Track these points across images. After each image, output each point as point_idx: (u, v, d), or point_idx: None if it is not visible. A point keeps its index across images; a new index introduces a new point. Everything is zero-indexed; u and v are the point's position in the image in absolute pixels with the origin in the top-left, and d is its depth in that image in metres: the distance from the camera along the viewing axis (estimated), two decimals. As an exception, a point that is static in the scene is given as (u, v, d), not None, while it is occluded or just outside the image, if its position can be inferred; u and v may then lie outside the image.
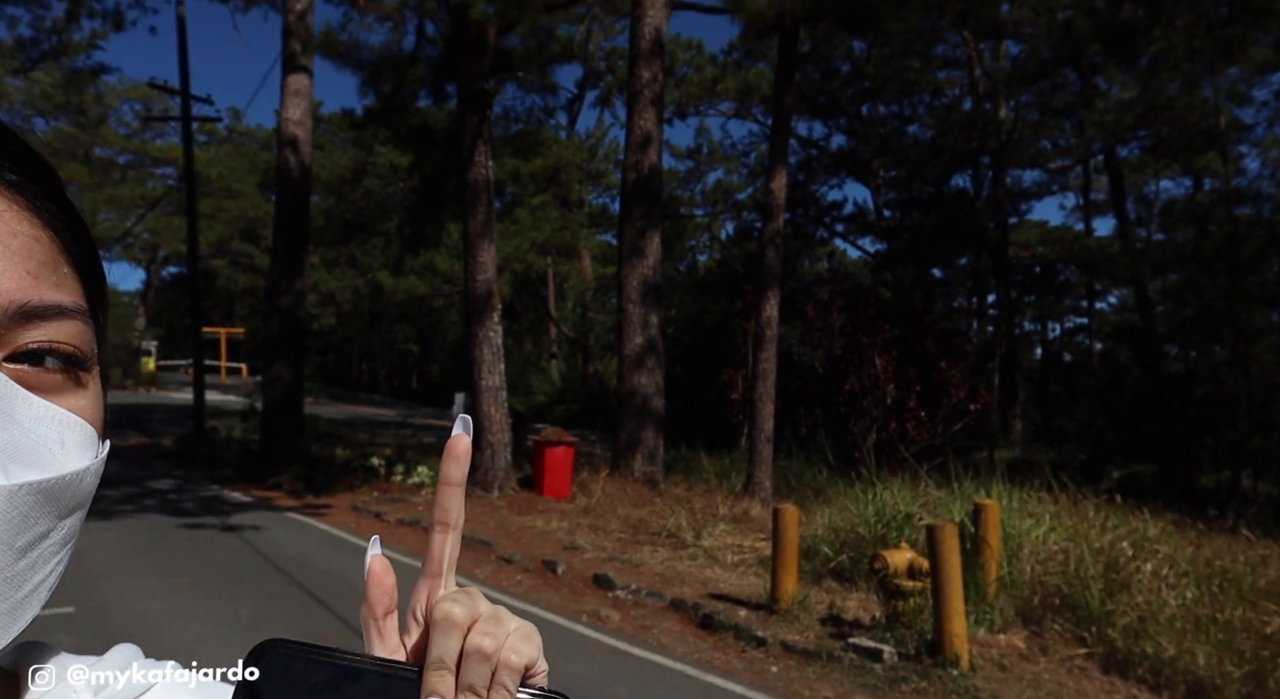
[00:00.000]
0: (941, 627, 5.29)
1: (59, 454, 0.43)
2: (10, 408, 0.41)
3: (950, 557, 5.31)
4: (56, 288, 0.45)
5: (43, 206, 0.46)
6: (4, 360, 0.43)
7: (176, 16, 17.40)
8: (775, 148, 12.00)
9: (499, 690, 0.42)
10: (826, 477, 10.24)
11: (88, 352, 0.46)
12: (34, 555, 0.43)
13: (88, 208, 37.16)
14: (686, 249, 35.21)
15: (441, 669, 0.42)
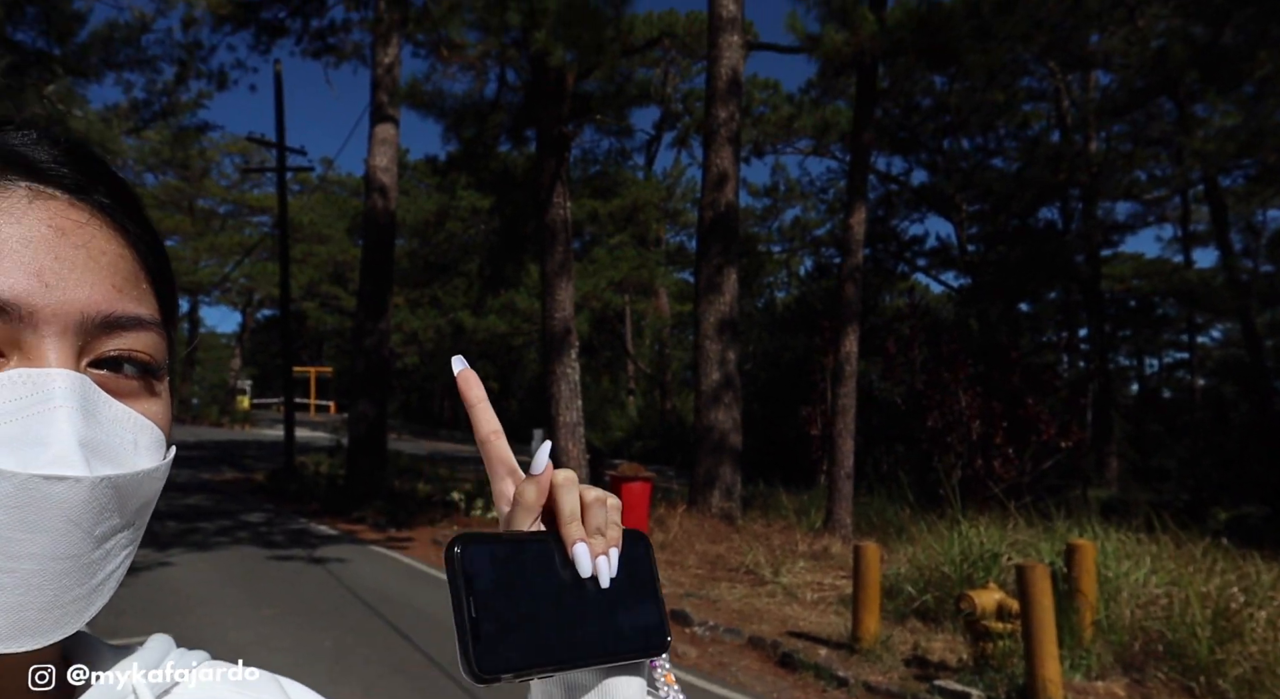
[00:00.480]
0: (1034, 671, 5.06)
1: (132, 454, 0.46)
2: (94, 407, 0.45)
3: (1042, 598, 5.08)
4: (137, 301, 0.48)
5: (128, 226, 0.50)
6: (88, 365, 0.46)
7: (274, 74, 18.34)
8: (854, 184, 11.92)
9: (612, 527, 0.58)
10: (909, 514, 9.96)
11: (161, 361, 0.50)
12: (108, 546, 0.46)
13: (190, 256, 39.11)
14: (764, 286, 35.10)
15: (574, 520, 0.56)
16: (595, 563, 0.56)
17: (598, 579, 0.56)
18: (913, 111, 24.96)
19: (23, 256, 0.44)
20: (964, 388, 12.11)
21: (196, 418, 39.07)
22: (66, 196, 0.47)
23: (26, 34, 16.41)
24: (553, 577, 0.55)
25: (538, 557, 0.55)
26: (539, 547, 0.56)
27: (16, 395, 0.43)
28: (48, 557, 0.42)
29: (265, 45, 16.54)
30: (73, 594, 0.44)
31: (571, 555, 0.56)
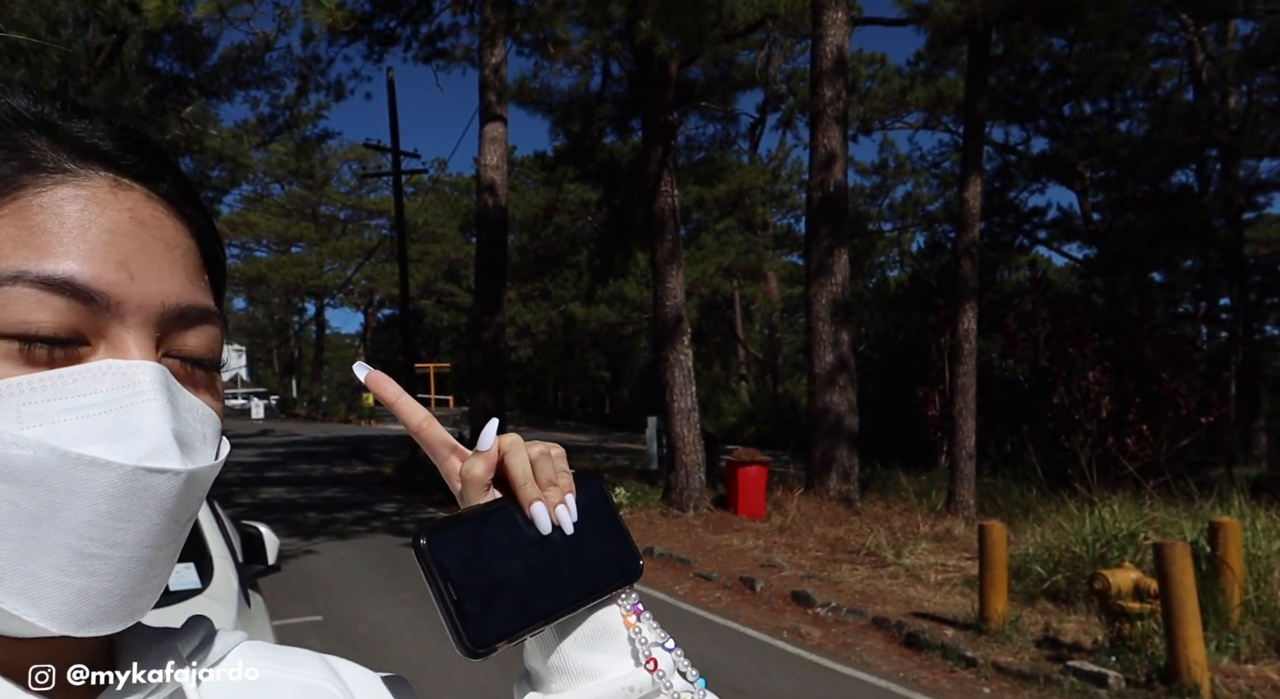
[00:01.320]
0: (1176, 652, 4.88)
1: (204, 446, 0.47)
2: (177, 401, 0.45)
3: (1183, 577, 4.89)
4: (205, 293, 0.49)
5: (192, 216, 0.50)
6: (163, 356, 0.46)
7: (387, 81, 19.06)
8: (968, 156, 11.57)
9: (562, 476, 0.59)
10: (1036, 494, 9.65)
11: (219, 352, 0.50)
12: (182, 538, 0.47)
13: (315, 261, 41.05)
14: (875, 265, 34.36)
15: (527, 482, 0.58)
16: (555, 514, 0.58)
17: (561, 530, 0.58)
18: (1030, 77, 23.91)
19: (110, 247, 0.44)
20: (1091, 363, 11.61)
21: (326, 415, 41.00)
22: (143, 187, 0.47)
23: (165, 61, 17.58)
24: (519, 539, 0.57)
25: (501, 524, 0.57)
26: (499, 514, 0.58)
27: (108, 387, 0.43)
28: (140, 545, 0.43)
29: (378, 54, 17.19)
30: (152, 583, 0.45)
31: (530, 516, 0.57)
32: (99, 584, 0.42)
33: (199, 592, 2.92)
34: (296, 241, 43.06)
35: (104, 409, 0.42)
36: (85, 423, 0.42)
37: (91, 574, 0.42)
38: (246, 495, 14.65)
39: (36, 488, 0.41)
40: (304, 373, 51.75)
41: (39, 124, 0.46)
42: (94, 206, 0.44)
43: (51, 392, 0.42)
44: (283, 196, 43.70)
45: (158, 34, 15.75)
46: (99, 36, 14.50)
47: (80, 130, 0.47)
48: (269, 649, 0.59)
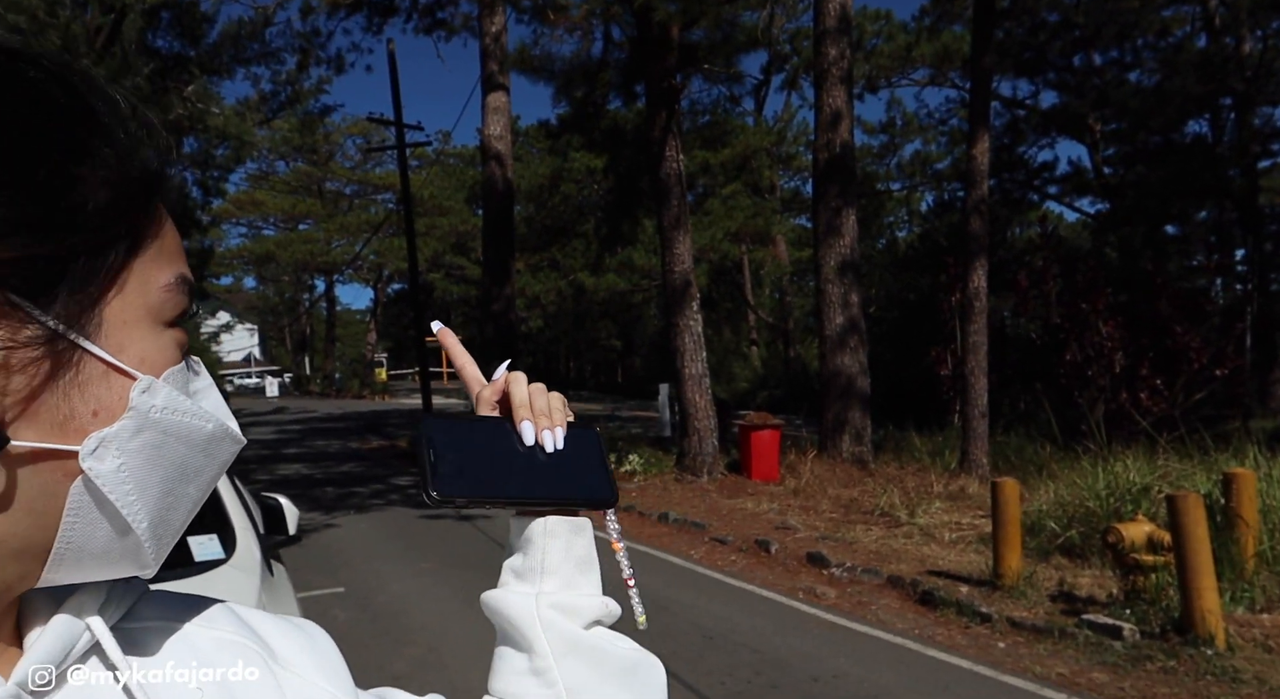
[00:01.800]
0: (1190, 603, 4.90)
1: None
2: None
3: (1196, 529, 4.90)
4: None
5: None
6: None
7: (387, 53, 18.91)
8: (975, 112, 11.42)
9: (556, 412, 0.70)
10: (1049, 451, 9.65)
11: None
12: None
13: (322, 237, 41.03)
14: (884, 225, 34.10)
15: (523, 406, 0.69)
16: (540, 435, 0.68)
17: (544, 450, 0.68)
18: (1039, 29, 23.50)
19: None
20: (1104, 319, 11.55)
21: (340, 391, 41.27)
22: None
23: (164, 40, 17.47)
24: (506, 446, 0.67)
25: (493, 432, 0.67)
26: (495, 424, 0.68)
27: (202, 373, 0.52)
28: (196, 500, 0.51)
29: (377, 26, 17.05)
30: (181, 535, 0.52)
31: (519, 430, 0.68)
32: (177, 518, 0.50)
33: (223, 562, 2.97)
34: (304, 218, 43.07)
35: (207, 392, 0.51)
36: (212, 402, 0.51)
37: (183, 516, 0.50)
38: (264, 472, 14.80)
39: (200, 453, 0.49)
40: (316, 350, 51.98)
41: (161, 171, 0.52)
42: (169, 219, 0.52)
43: (193, 374, 0.51)
44: (288, 173, 43.66)
45: (155, 11, 15.64)
46: (97, 16, 14.41)
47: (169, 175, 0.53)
48: (174, 598, 0.59)
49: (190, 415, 0.49)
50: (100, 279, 0.46)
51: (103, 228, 0.46)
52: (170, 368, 0.49)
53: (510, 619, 0.67)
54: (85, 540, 0.46)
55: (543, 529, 0.68)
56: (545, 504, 0.67)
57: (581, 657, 0.66)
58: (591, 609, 0.68)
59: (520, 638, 0.67)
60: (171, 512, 0.49)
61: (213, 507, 3.00)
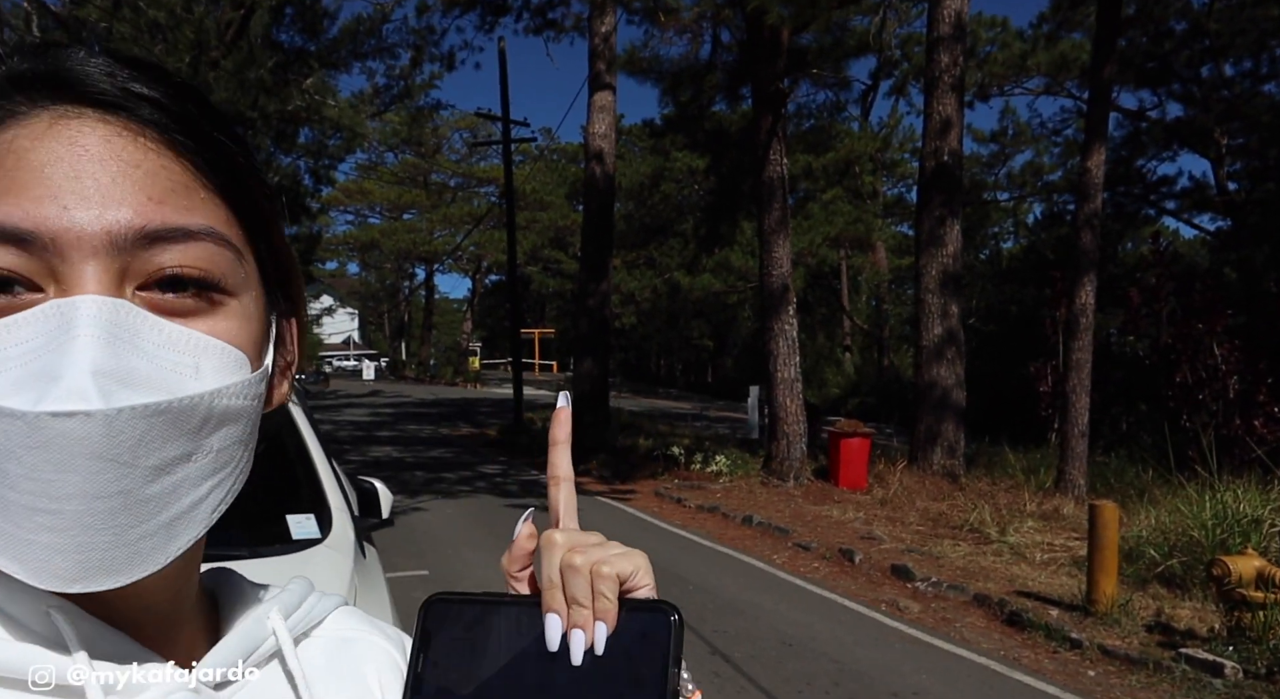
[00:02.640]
0: (1298, 644, 4.70)
1: (191, 378, 0.43)
2: (132, 335, 0.42)
3: (1309, 566, 4.70)
4: (184, 212, 0.45)
5: (177, 139, 0.46)
6: (136, 290, 0.43)
7: (498, 51, 19.38)
8: (1092, 123, 11.05)
9: (600, 599, 0.45)
10: (1152, 476, 9.29)
11: (219, 274, 0.46)
12: (175, 478, 0.43)
13: (425, 227, 42.23)
14: (989, 237, 33.18)
15: (552, 587, 0.46)
16: (569, 634, 0.46)
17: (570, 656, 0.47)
18: (1164, 38, 22.49)
19: (39, 182, 0.42)
20: (1219, 340, 11.04)
21: (433, 378, 42.44)
22: (96, 113, 0.44)
23: (287, 34, 18.31)
24: (525, 645, 0.48)
25: (514, 620, 0.49)
26: (516, 611, 0.49)
27: (44, 330, 0.41)
28: (89, 495, 0.40)
29: (489, 24, 17.49)
30: (138, 532, 0.42)
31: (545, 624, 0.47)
32: (64, 539, 0.40)
33: (319, 541, 3.14)
34: (408, 208, 44.38)
35: (35, 354, 0.40)
36: (13, 373, 0.40)
37: (51, 530, 0.40)
38: (357, 453, 15.37)
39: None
40: (413, 336, 53.54)
41: None
42: (26, 144, 0.43)
43: None
44: (396, 164, 44.99)
45: (281, 7, 16.41)
46: (228, 12, 15.21)
47: (34, 66, 0.45)
48: (362, 616, 0.60)
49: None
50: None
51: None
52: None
53: None
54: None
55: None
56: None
57: None
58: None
59: None
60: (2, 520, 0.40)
61: (311, 488, 3.11)
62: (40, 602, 0.44)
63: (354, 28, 18.98)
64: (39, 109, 0.44)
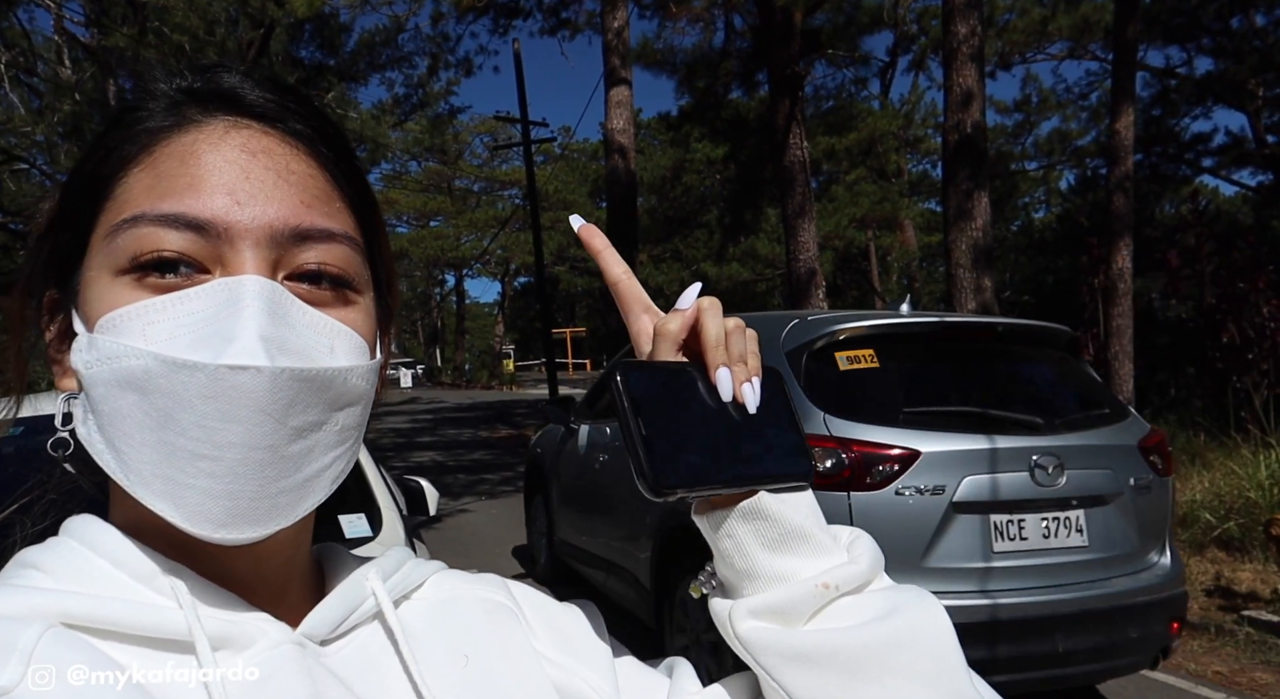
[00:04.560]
0: (1365, 601, 4.59)
1: (328, 356, 0.50)
2: (285, 312, 0.48)
3: (1372, 520, 4.58)
4: (327, 217, 0.52)
5: (321, 152, 0.54)
6: (284, 278, 0.50)
7: (513, 53, 19.43)
8: (1119, 84, 10.85)
9: (752, 357, 0.58)
10: (1204, 439, 9.10)
11: (354, 274, 0.53)
12: (309, 442, 0.49)
13: (452, 233, 42.52)
14: (1019, 208, 32.67)
15: (719, 346, 0.57)
16: (740, 389, 0.56)
17: (743, 406, 0.56)
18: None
19: (218, 180, 0.49)
20: (1266, 297, 10.78)
21: (469, 382, 42.72)
22: (260, 125, 0.52)
23: (306, 50, 18.54)
24: (701, 403, 0.56)
25: (688, 383, 0.56)
26: (687, 373, 0.56)
27: (215, 301, 0.47)
28: (247, 446, 0.45)
29: (504, 28, 17.56)
30: (279, 485, 0.47)
31: (714, 380, 0.56)
32: (219, 485, 0.45)
33: (371, 539, 3.19)
34: (434, 215, 44.71)
35: (208, 320, 0.47)
36: (193, 335, 0.46)
37: (210, 476, 0.45)
38: (400, 460, 15.52)
39: (154, 395, 0.45)
40: (447, 342, 53.97)
41: (175, 91, 0.53)
42: (207, 146, 0.50)
43: (170, 311, 0.47)
44: (419, 173, 45.36)
45: (300, 25, 16.61)
46: (249, 31, 15.43)
47: (208, 84, 0.53)
48: (460, 573, 0.64)
49: (123, 357, 0.46)
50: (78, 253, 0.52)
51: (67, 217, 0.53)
52: (107, 314, 0.48)
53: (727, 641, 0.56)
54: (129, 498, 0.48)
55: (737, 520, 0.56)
56: (758, 484, 0.55)
57: (808, 667, 0.52)
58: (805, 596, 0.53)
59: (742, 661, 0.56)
60: (164, 464, 0.46)
61: (359, 488, 3.17)
62: (153, 560, 0.49)
63: (370, 39, 19.16)
64: (214, 119, 0.51)
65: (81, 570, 0.49)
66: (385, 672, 0.54)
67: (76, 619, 0.45)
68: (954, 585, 3.24)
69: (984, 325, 4.01)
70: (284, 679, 0.47)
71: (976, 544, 3.27)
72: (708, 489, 0.54)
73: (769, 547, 0.55)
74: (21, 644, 0.42)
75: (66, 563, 0.49)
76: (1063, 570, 3.37)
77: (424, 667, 0.54)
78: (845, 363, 3.47)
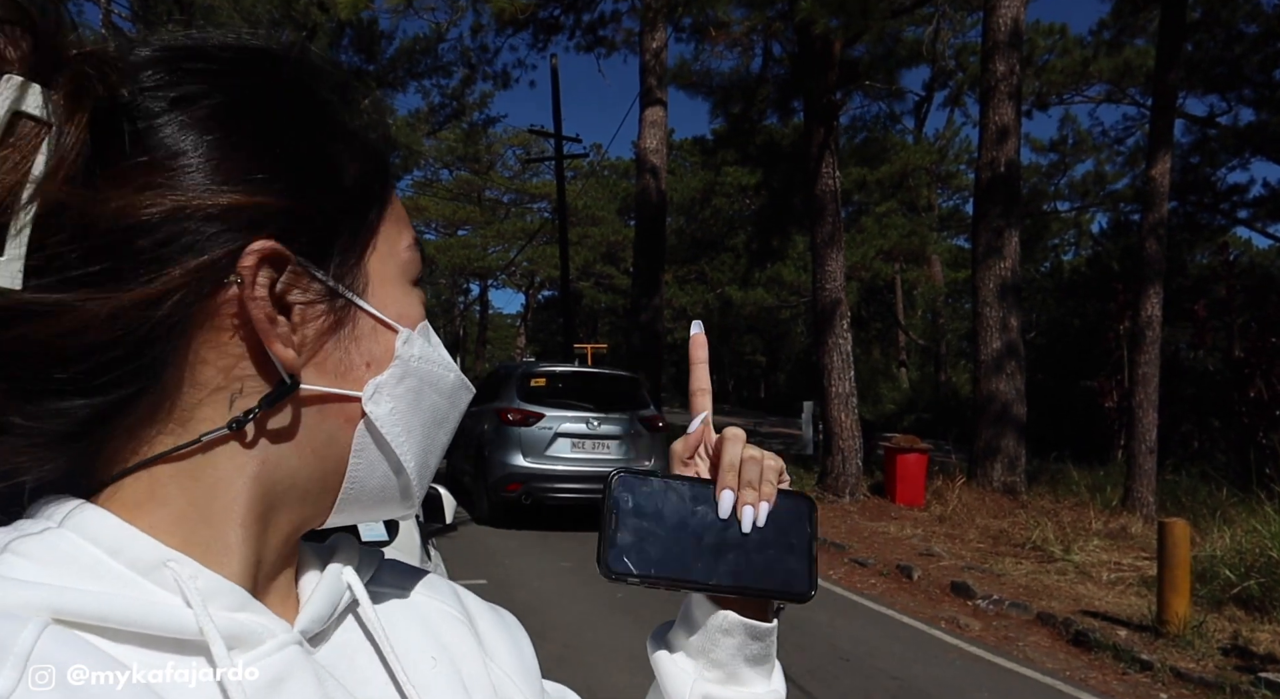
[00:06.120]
0: (1387, 670, 4.48)
1: None
2: None
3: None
4: None
5: None
6: None
7: (551, 69, 19.59)
8: (1157, 130, 10.77)
9: (766, 484, 0.63)
10: (1226, 494, 8.95)
11: None
12: None
13: (479, 242, 42.73)
14: (1048, 249, 32.45)
15: (731, 470, 0.62)
16: (740, 510, 0.61)
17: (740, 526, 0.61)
18: (1234, 42, 21.85)
19: None
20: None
21: (490, 392, 42.75)
22: None
23: (346, 55, 18.77)
24: (698, 516, 0.61)
25: (689, 497, 0.62)
26: (692, 488, 0.62)
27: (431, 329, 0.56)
28: (444, 446, 0.58)
29: (542, 43, 17.73)
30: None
31: (718, 499, 0.62)
32: (433, 474, 0.57)
33: (387, 543, 3.16)
34: (463, 225, 44.94)
35: (440, 347, 0.56)
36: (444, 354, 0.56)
37: (437, 465, 0.57)
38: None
39: (447, 400, 0.55)
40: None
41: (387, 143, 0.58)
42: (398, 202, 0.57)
43: (434, 337, 0.56)
44: (450, 181, 45.64)
45: (341, 29, 16.84)
46: (292, 34, 15.67)
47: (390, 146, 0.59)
48: (404, 567, 0.64)
49: (439, 365, 0.55)
50: (360, 242, 0.52)
51: (357, 195, 0.52)
52: (420, 322, 0.55)
53: (667, 690, 0.66)
54: (366, 480, 0.52)
55: (720, 625, 0.63)
56: (731, 592, 0.62)
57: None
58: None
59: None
60: (429, 455, 0.55)
61: None
62: (158, 554, 0.45)
63: (410, 47, 19.38)
64: None
65: (71, 558, 0.44)
66: (363, 668, 0.53)
67: (74, 616, 0.41)
68: (558, 465, 9.34)
69: (589, 371, 10.84)
70: (297, 682, 0.46)
71: (567, 449, 9.42)
72: (669, 582, 0.61)
73: (743, 659, 0.64)
74: (19, 646, 0.38)
75: (50, 549, 0.44)
76: (602, 463, 9.36)
77: (405, 665, 0.54)
78: (533, 382, 9.78)
